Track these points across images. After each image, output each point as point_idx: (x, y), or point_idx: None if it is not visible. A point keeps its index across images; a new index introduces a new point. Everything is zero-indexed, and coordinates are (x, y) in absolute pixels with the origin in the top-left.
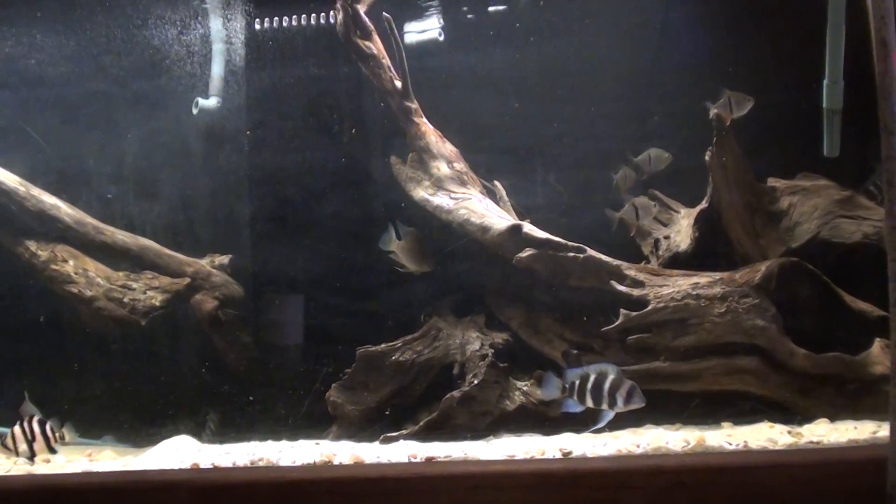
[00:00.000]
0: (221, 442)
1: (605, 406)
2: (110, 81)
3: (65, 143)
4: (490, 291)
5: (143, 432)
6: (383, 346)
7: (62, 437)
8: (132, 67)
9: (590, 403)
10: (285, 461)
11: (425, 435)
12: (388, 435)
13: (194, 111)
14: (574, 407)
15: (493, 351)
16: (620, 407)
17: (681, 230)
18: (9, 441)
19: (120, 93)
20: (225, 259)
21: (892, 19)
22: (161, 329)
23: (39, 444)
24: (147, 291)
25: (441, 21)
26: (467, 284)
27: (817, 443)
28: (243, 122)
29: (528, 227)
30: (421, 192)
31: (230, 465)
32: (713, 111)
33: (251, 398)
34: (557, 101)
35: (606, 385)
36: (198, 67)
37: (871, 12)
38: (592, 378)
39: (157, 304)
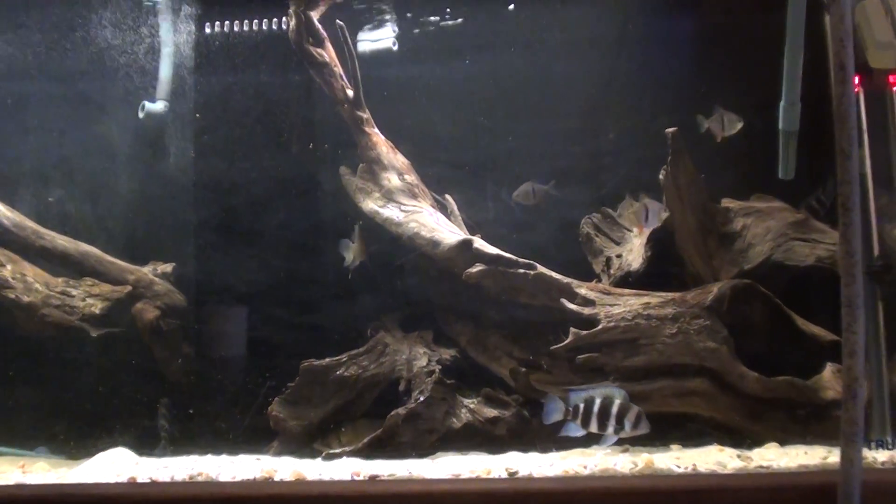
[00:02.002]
0: (161, 455)
1: (610, 431)
2: (54, 82)
3: (3, 144)
4: (439, 307)
5: (78, 444)
6: (328, 360)
7: None
8: (77, 69)
9: (594, 428)
10: (225, 476)
11: (369, 452)
12: (331, 451)
13: (140, 115)
14: (576, 431)
15: (440, 367)
16: (627, 432)
17: (633, 249)
18: None
19: (63, 94)
20: (168, 267)
21: (851, 42)
22: (100, 337)
23: None
24: (87, 299)
25: (395, 31)
26: (416, 299)
27: (767, 467)
28: (190, 126)
29: (479, 243)
30: (370, 204)
31: (168, 479)
32: (670, 130)
33: (191, 411)
34: (510, 115)
35: (614, 409)
36: (145, 70)
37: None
38: (598, 402)
39: (97, 311)
